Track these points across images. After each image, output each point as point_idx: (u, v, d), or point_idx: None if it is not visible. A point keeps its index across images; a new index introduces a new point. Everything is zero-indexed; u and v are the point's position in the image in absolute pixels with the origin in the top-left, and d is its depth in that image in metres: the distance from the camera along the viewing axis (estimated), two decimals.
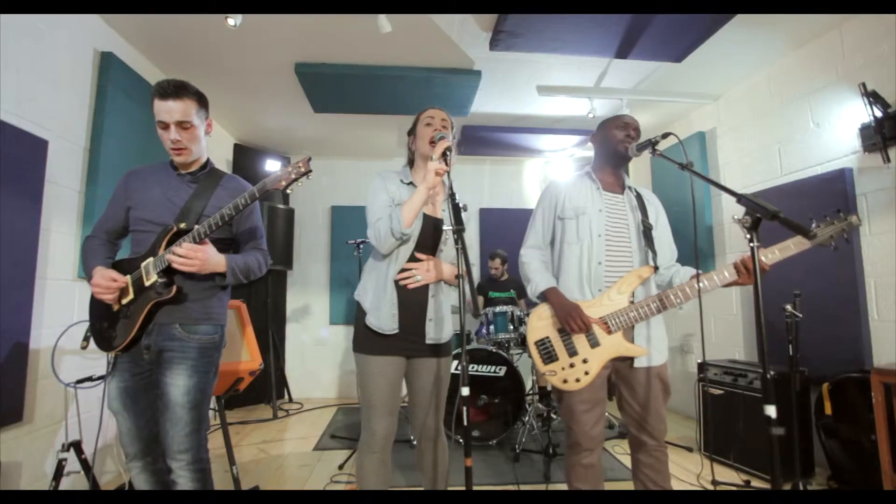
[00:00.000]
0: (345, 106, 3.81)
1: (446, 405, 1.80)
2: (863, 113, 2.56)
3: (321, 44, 3.01)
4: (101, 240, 1.66)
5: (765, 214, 1.12)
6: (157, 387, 1.55)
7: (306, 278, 5.18)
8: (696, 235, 1.35)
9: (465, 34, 2.91)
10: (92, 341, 1.64)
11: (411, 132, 1.82)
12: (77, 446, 2.06)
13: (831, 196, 2.73)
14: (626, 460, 3.01)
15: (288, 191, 1.48)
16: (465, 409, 1.30)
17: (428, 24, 2.78)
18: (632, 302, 1.63)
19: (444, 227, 1.68)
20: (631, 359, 1.65)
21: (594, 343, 1.61)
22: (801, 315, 2.28)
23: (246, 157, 4.73)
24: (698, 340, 3.87)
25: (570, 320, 1.58)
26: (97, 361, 2.51)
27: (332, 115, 4.04)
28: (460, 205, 1.45)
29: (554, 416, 3.38)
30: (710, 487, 2.53)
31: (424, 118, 1.76)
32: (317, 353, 5.12)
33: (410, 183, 1.74)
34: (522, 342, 3.44)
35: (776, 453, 1.05)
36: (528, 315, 3.43)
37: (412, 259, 1.66)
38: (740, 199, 1.20)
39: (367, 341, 1.63)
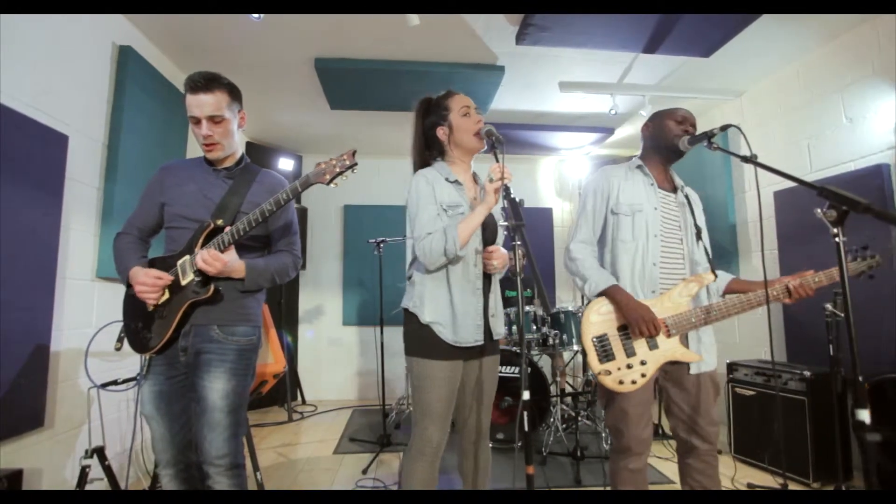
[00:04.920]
0: (362, 102, 3.74)
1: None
2: None
3: (342, 39, 2.94)
4: (133, 237, 1.60)
5: (854, 207, 1.05)
6: (193, 390, 1.48)
7: (319, 278, 5.10)
8: (762, 235, 1.29)
9: (491, 28, 2.84)
10: (126, 342, 1.57)
11: (439, 122, 1.64)
12: (101, 452, 1.99)
13: (867, 192, 2.66)
14: (657, 462, 2.95)
15: (332, 185, 1.42)
16: (524, 413, 1.23)
17: (453, 18, 2.71)
18: (692, 307, 1.58)
19: (500, 224, 1.61)
20: (683, 363, 1.59)
21: (653, 345, 1.55)
22: (842, 314, 2.22)
23: (258, 156, 4.65)
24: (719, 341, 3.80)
25: (643, 324, 1.49)
26: (119, 364, 2.44)
27: (348, 112, 3.97)
28: (516, 199, 1.38)
29: (581, 418, 3.31)
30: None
31: (459, 108, 1.62)
32: (330, 354, 5.04)
33: (456, 181, 1.64)
34: (544, 342, 3.38)
35: (872, 458, 0.99)
36: (549, 316, 3.44)
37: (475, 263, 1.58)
38: (822, 191, 1.12)
39: (428, 346, 1.53)
